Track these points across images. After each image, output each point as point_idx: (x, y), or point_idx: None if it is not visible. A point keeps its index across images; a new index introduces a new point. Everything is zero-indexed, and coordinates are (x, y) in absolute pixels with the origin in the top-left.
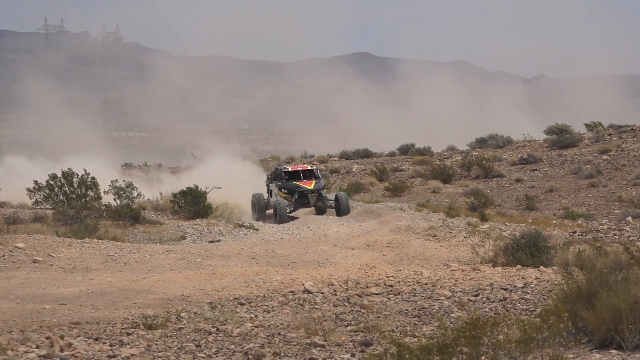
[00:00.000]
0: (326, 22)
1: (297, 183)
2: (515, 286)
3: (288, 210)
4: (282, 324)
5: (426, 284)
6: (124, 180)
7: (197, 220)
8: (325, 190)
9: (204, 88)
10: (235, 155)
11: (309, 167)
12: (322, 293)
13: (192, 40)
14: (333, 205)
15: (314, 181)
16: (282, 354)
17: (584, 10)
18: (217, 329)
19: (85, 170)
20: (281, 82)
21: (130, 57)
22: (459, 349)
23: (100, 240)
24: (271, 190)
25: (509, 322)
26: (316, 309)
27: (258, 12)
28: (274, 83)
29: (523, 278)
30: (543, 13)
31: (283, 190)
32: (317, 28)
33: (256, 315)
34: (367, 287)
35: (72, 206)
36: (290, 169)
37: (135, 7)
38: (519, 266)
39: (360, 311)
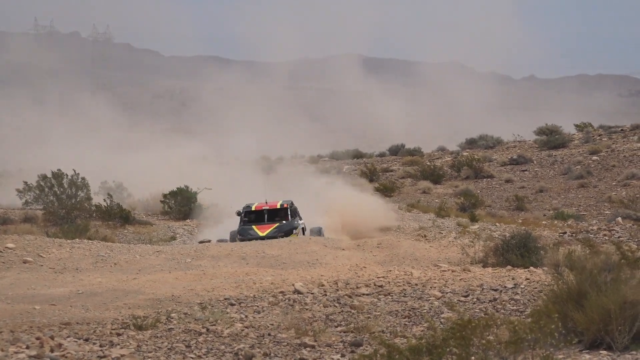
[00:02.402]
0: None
1: (252, 228)
2: (505, 287)
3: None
4: (272, 324)
5: (416, 284)
6: (113, 181)
7: (188, 220)
8: (294, 234)
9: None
10: None
11: (278, 206)
12: (312, 293)
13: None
14: None
15: (275, 225)
16: (272, 354)
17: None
18: (207, 330)
19: (74, 171)
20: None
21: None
22: (448, 349)
23: (90, 241)
24: None
25: (498, 322)
26: (306, 309)
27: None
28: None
29: (513, 279)
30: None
31: (238, 237)
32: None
33: (246, 316)
34: (357, 287)
35: (62, 207)
36: (253, 208)
37: (126, 7)
38: (509, 267)
39: (351, 312)
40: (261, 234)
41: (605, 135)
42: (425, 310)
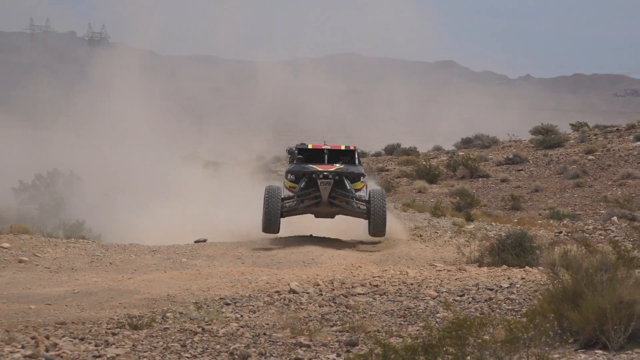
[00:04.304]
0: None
1: (311, 165)
2: (500, 286)
3: (285, 210)
4: (267, 324)
5: (412, 284)
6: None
7: None
8: (361, 183)
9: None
10: None
11: (343, 147)
12: (307, 293)
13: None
14: (364, 210)
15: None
16: (267, 354)
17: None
18: (203, 329)
19: (71, 171)
20: None
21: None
22: (444, 349)
23: (85, 240)
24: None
25: (494, 322)
26: (302, 309)
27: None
28: None
29: (509, 278)
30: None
31: (289, 176)
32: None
33: (242, 316)
34: (353, 287)
35: (58, 206)
36: (310, 146)
37: (123, 6)
38: (504, 266)
39: (346, 311)
40: (325, 171)
41: (600, 135)
42: (420, 310)
